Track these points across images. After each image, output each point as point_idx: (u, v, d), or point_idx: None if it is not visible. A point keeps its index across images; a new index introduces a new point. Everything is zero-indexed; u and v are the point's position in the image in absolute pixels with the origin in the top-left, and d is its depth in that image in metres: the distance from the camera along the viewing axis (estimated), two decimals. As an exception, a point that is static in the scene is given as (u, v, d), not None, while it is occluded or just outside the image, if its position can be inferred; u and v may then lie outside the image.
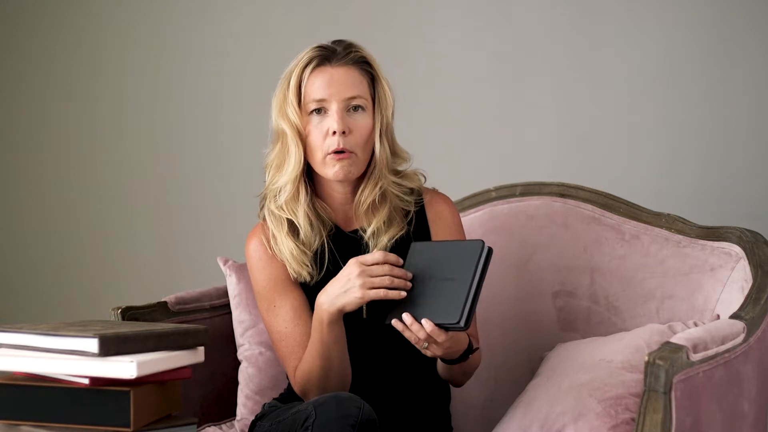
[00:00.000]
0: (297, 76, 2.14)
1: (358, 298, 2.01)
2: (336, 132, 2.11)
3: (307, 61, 2.14)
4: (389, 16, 3.32)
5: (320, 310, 2.06)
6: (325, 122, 2.13)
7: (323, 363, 2.09)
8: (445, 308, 1.96)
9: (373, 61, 2.18)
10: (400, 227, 2.20)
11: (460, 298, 1.95)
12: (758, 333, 2.10)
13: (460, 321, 1.94)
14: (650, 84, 3.07)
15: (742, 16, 2.99)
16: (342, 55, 2.14)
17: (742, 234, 2.31)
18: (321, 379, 2.11)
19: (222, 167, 3.52)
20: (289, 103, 2.13)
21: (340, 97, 2.13)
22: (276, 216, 2.18)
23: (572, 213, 2.46)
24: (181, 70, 3.56)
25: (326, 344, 2.08)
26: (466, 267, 1.97)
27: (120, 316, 2.35)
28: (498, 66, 3.21)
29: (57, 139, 3.68)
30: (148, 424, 1.95)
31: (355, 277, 2.01)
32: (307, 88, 2.13)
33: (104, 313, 2.45)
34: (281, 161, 2.17)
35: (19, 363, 1.93)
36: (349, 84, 2.14)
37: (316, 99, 2.13)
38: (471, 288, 1.95)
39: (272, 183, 2.18)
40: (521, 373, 2.41)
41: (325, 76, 2.13)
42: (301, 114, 2.14)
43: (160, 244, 3.62)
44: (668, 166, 3.07)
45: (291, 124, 2.14)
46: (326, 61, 2.14)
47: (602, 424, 2.06)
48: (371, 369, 2.17)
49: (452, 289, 1.97)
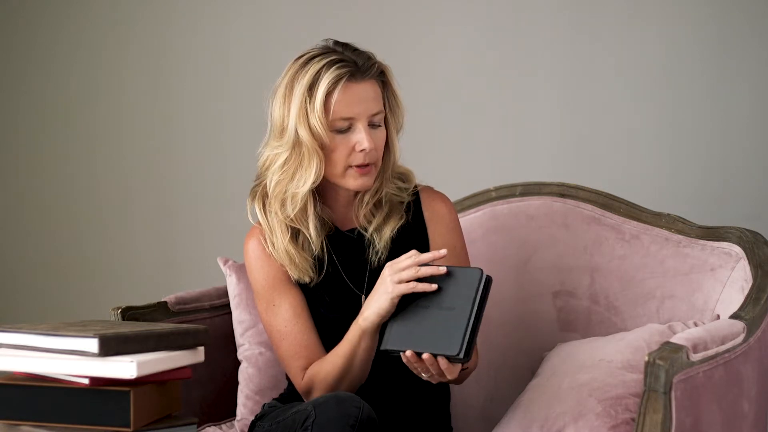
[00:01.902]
0: (324, 90, 2.08)
1: (389, 295, 2.00)
2: (365, 150, 2.10)
3: (336, 78, 2.08)
4: (389, 15, 3.32)
5: (363, 321, 2.05)
6: (351, 137, 2.10)
7: (346, 367, 2.09)
8: (445, 339, 1.92)
9: (387, 71, 2.16)
10: (399, 216, 2.20)
11: (459, 329, 1.91)
12: (758, 333, 2.10)
13: (459, 353, 1.90)
14: (650, 84, 3.07)
15: (742, 16, 2.99)
16: (365, 69, 2.11)
17: (742, 234, 2.31)
18: (335, 381, 2.11)
19: (222, 167, 3.52)
20: (316, 116, 2.08)
21: (366, 114, 2.10)
22: (281, 222, 2.16)
23: (572, 213, 2.46)
24: (181, 69, 3.55)
25: (355, 352, 2.08)
26: (465, 296, 1.93)
27: (120, 316, 2.34)
28: (498, 66, 3.21)
29: (57, 139, 3.68)
30: (148, 424, 1.95)
31: (386, 276, 2.01)
32: (336, 106, 2.08)
33: (104, 313, 2.45)
34: (295, 169, 2.12)
35: (19, 363, 1.93)
36: (372, 100, 2.11)
37: (344, 117, 2.09)
38: (470, 319, 1.91)
39: (281, 190, 2.14)
40: (521, 373, 2.41)
41: (354, 93, 2.09)
42: (326, 128, 2.09)
43: (160, 244, 3.62)
44: (668, 166, 3.07)
45: (314, 136, 2.09)
46: (353, 78, 2.09)
47: (602, 424, 2.06)
48: (371, 369, 2.17)
49: (451, 319, 1.93)
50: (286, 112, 2.12)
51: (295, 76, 2.12)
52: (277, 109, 2.14)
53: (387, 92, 2.15)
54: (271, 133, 2.17)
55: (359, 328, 2.06)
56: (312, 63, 2.11)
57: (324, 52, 2.12)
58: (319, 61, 2.10)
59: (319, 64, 2.10)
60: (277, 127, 2.14)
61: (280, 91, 2.14)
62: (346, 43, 2.15)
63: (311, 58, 2.12)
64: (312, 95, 2.09)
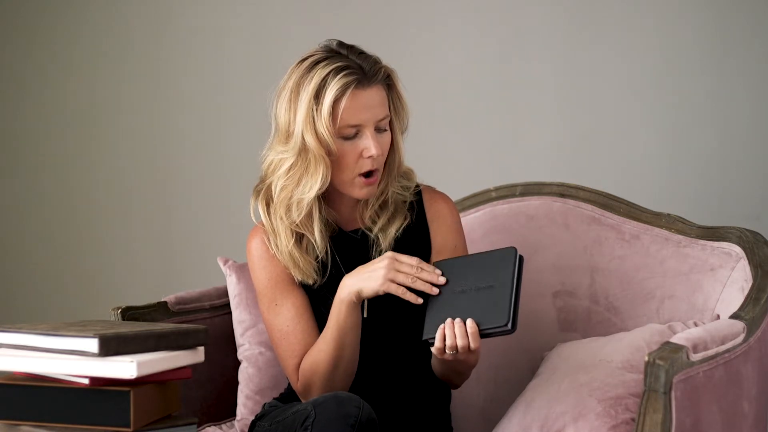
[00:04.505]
0: (331, 98, 2.06)
1: (378, 284, 2.01)
2: (372, 156, 2.10)
3: (344, 86, 2.06)
4: (389, 15, 3.32)
5: (342, 292, 2.06)
6: (359, 144, 2.09)
7: (336, 351, 2.08)
8: (491, 313, 1.92)
9: (393, 74, 2.14)
10: (404, 216, 2.20)
11: (504, 301, 1.91)
12: (758, 333, 2.10)
13: (508, 323, 1.90)
14: (650, 84, 3.08)
15: (743, 16, 2.99)
16: (371, 74, 2.09)
17: (742, 234, 2.31)
18: (329, 371, 2.10)
19: (222, 167, 3.52)
20: (323, 124, 2.07)
21: (374, 120, 2.09)
22: (286, 228, 2.16)
23: (572, 213, 2.46)
24: (180, 69, 3.56)
25: (342, 330, 2.07)
26: (504, 272, 1.93)
27: (120, 316, 2.35)
28: (498, 66, 3.21)
29: (57, 139, 3.68)
30: (148, 424, 1.95)
31: (383, 266, 2.01)
32: (344, 114, 2.07)
33: (104, 313, 2.45)
34: (301, 175, 2.11)
35: (19, 363, 1.93)
36: (379, 105, 2.10)
37: (352, 125, 2.08)
38: (513, 289, 1.91)
39: (286, 195, 2.13)
40: (521, 373, 2.41)
41: (361, 100, 2.08)
42: (333, 135, 2.08)
43: (160, 244, 3.62)
44: (668, 166, 3.07)
45: (321, 142, 2.08)
46: (360, 85, 2.08)
47: (602, 424, 2.06)
48: (371, 369, 2.17)
49: (492, 296, 1.93)
50: (292, 117, 2.10)
51: (300, 81, 2.09)
52: (282, 113, 2.12)
53: (392, 95, 2.14)
54: (275, 136, 2.15)
55: (343, 298, 2.06)
56: (317, 68, 2.08)
57: (329, 56, 2.10)
58: (325, 66, 2.08)
59: (325, 70, 2.08)
60: (283, 131, 2.12)
61: (284, 94, 2.12)
62: (350, 45, 2.13)
63: (316, 63, 2.09)
64: (319, 102, 2.07)
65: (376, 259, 2.05)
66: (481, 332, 1.94)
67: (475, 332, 1.94)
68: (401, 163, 2.19)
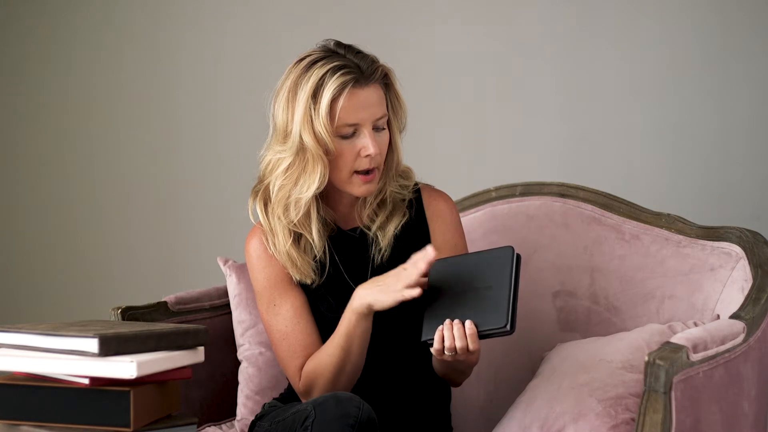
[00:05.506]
0: (329, 97, 2.07)
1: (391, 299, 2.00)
2: (370, 154, 2.10)
3: (341, 85, 2.07)
4: (388, 15, 3.32)
5: (354, 302, 2.06)
6: (356, 143, 2.10)
7: (342, 358, 2.09)
8: (490, 314, 1.92)
9: (391, 73, 2.15)
10: (402, 213, 2.20)
11: (502, 302, 1.91)
12: (758, 333, 2.10)
13: (506, 325, 1.90)
14: (650, 84, 3.08)
15: (743, 15, 2.99)
16: (369, 73, 2.09)
17: (742, 234, 2.31)
18: (333, 375, 2.10)
19: (222, 167, 3.52)
20: (321, 123, 2.07)
21: (371, 119, 2.10)
22: (284, 227, 2.16)
23: (572, 213, 2.46)
24: (179, 69, 3.56)
25: (351, 338, 2.07)
26: (501, 272, 1.93)
27: (120, 316, 2.35)
28: (498, 66, 3.21)
29: (56, 139, 3.68)
30: (148, 424, 1.95)
31: (395, 282, 2.01)
32: (341, 113, 2.07)
33: (104, 313, 2.45)
34: (299, 174, 2.11)
35: (19, 363, 1.93)
36: (376, 104, 2.10)
37: (349, 123, 2.08)
38: (511, 291, 1.91)
39: (284, 195, 2.13)
40: (521, 373, 2.41)
41: (359, 99, 2.08)
42: (331, 134, 2.08)
43: (160, 244, 3.62)
44: (668, 166, 3.07)
45: (319, 142, 2.08)
46: (357, 84, 2.08)
47: (602, 424, 2.06)
48: (371, 368, 2.17)
49: (490, 297, 1.93)
50: (290, 117, 2.11)
51: (297, 81, 2.10)
52: (280, 113, 2.12)
53: (390, 94, 2.15)
54: (273, 136, 2.15)
55: (354, 312, 2.06)
56: (315, 68, 2.09)
57: (326, 56, 2.11)
58: (322, 66, 2.09)
59: (323, 69, 2.08)
60: (281, 131, 2.13)
61: (282, 94, 2.12)
62: (348, 45, 2.13)
63: (313, 62, 2.10)
64: (317, 102, 2.08)
65: (390, 272, 2.04)
66: (480, 333, 1.94)
67: (473, 334, 1.94)
68: (399, 162, 2.19)
